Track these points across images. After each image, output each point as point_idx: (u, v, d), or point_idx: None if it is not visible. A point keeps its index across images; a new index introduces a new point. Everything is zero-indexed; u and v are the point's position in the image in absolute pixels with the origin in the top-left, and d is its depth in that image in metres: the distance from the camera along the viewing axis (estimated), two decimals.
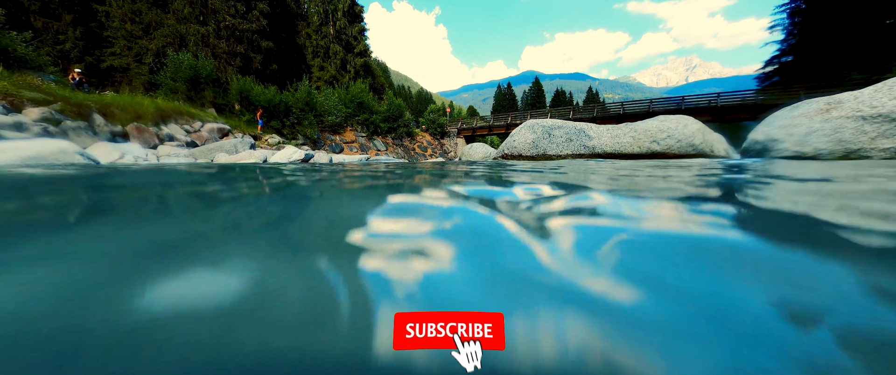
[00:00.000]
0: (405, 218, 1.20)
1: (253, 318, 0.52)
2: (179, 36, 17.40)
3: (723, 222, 1.21)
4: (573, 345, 0.45)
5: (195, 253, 0.83)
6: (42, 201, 1.59)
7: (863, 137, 5.41)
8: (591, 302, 0.57)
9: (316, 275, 0.70)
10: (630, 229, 1.06)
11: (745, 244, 0.93)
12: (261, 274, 0.69)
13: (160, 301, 0.55)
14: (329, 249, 0.89)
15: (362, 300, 0.59)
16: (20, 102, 7.37)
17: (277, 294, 0.60)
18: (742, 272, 0.70)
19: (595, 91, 74.86)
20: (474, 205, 1.41)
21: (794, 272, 0.72)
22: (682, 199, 1.77)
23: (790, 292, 0.61)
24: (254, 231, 1.11)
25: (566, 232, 0.98)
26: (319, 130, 18.01)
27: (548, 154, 11.20)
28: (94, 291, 0.60)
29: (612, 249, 0.84)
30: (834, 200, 1.61)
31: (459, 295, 0.60)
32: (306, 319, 0.53)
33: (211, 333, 0.47)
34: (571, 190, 1.99)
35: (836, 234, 1.02)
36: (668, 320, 0.52)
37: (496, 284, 0.65)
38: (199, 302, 0.56)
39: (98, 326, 0.48)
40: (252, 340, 0.46)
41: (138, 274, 0.67)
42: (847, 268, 0.72)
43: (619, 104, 23.59)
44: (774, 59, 23.62)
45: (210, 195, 1.92)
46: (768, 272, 0.71)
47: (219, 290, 0.61)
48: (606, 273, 0.68)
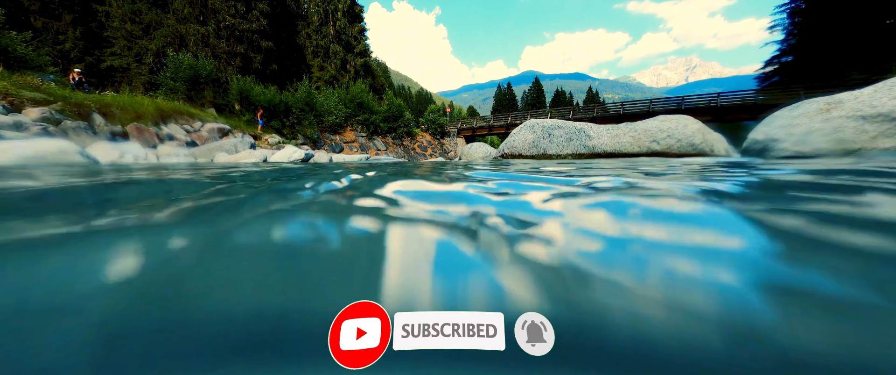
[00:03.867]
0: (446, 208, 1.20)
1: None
2: (179, 36, 17.40)
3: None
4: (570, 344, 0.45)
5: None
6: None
7: (863, 137, 5.40)
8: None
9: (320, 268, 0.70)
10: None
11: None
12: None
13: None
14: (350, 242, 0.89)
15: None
16: (20, 102, 7.37)
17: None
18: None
19: (595, 91, 74.86)
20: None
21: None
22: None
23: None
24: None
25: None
26: (319, 130, 18.02)
27: (548, 154, 11.20)
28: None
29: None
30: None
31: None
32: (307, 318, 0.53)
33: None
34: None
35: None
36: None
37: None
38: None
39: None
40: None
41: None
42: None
43: (619, 104, 23.60)
44: (774, 59, 23.62)
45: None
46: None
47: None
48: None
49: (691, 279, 0.66)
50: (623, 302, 0.56)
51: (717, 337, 0.47)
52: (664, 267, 0.70)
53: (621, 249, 0.84)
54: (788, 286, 0.62)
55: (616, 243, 0.88)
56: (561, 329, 0.46)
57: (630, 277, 0.66)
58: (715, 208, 1.32)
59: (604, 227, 1.04)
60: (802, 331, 0.47)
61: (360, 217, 1.19)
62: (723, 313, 0.53)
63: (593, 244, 0.86)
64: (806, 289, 0.61)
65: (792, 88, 16.77)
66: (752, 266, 0.71)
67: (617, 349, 0.45)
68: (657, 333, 0.47)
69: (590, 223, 1.09)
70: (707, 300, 0.57)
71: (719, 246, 0.85)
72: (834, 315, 0.51)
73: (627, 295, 0.59)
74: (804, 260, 0.75)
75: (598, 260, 0.74)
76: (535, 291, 0.61)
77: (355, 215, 1.23)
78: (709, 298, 0.58)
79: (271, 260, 0.78)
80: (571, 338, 0.46)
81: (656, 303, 0.56)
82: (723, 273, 0.67)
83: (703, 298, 0.58)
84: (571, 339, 0.46)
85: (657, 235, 0.93)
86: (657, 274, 0.67)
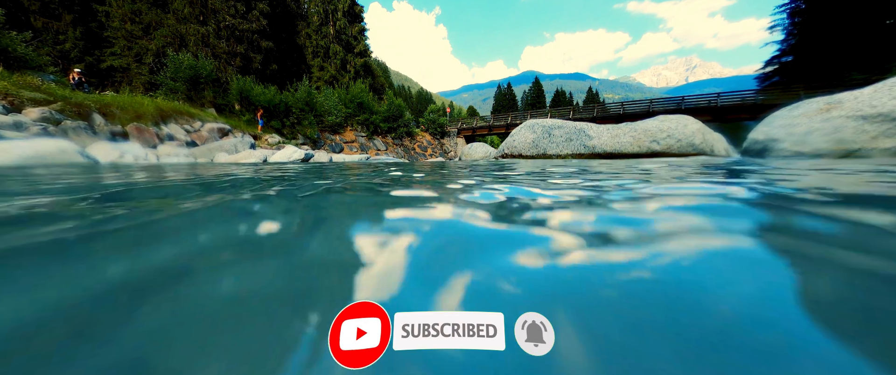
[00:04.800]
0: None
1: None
2: (179, 36, 17.41)
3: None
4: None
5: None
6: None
7: (863, 137, 5.40)
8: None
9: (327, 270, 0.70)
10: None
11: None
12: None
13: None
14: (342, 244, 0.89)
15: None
16: (20, 101, 7.38)
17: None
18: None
19: (595, 91, 74.91)
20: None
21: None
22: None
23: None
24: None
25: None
26: (319, 130, 18.03)
27: (548, 154, 11.20)
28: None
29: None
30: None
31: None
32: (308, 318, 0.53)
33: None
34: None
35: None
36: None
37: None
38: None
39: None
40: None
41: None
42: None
43: (619, 104, 23.62)
44: (774, 59, 23.64)
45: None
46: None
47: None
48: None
49: (691, 278, 0.66)
50: (623, 302, 0.56)
51: (717, 337, 0.47)
52: (664, 267, 0.70)
53: (621, 249, 0.84)
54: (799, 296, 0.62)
55: (617, 242, 0.88)
56: (561, 329, 0.47)
57: (630, 276, 0.66)
58: (724, 210, 1.32)
59: (604, 226, 1.04)
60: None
61: (361, 217, 1.19)
62: (723, 312, 0.53)
63: (593, 244, 0.86)
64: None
65: (792, 88, 16.78)
66: (761, 268, 0.71)
67: (617, 348, 0.45)
68: (657, 332, 0.47)
69: (590, 223, 1.09)
70: (707, 300, 0.57)
71: (725, 247, 0.85)
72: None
73: (627, 295, 0.59)
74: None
75: (598, 259, 0.74)
76: (535, 291, 0.61)
77: (355, 214, 1.23)
78: (709, 297, 0.58)
79: (270, 260, 0.78)
80: (571, 338, 0.46)
81: (656, 303, 0.56)
82: (724, 273, 0.67)
83: (704, 298, 0.58)
84: (571, 339, 0.46)
85: (658, 234, 0.93)
86: (657, 274, 0.67)
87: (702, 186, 2.04)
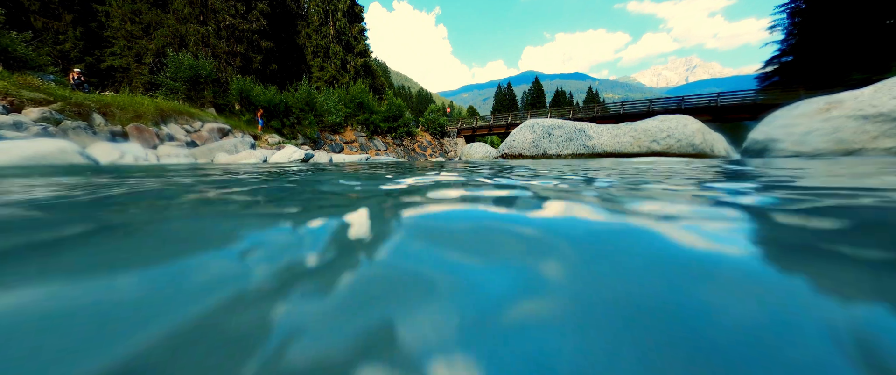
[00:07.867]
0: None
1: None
2: (179, 36, 17.42)
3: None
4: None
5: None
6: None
7: (863, 137, 5.40)
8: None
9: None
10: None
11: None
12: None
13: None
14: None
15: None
16: (20, 101, 7.38)
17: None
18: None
19: (595, 91, 74.93)
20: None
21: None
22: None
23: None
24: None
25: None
26: (319, 130, 18.04)
27: (548, 154, 11.20)
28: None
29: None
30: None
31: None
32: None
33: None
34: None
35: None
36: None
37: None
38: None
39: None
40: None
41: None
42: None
43: (619, 104, 23.61)
44: (774, 59, 23.63)
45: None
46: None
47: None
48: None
49: (692, 279, 0.65)
50: (623, 302, 0.56)
51: (717, 337, 0.47)
52: (665, 267, 0.70)
53: (622, 248, 0.83)
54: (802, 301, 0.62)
55: (616, 242, 0.88)
56: (558, 328, 0.46)
57: (630, 276, 0.66)
58: (723, 206, 1.32)
59: (603, 227, 1.04)
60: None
61: (360, 218, 1.18)
62: (722, 313, 0.53)
63: (593, 245, 0.86)
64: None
65: (792, 88, 16.78)
66: (761, 271, 0.71)
67: (617, 350, 0.45)
68: (657, 334, 0.47)
69: (590, 224, 1.09)
70: (707, 301, 0.57)
71: (725, 239, 0.85)
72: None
73: (628, 295, 0.59)
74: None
75: (598, 260, 0.74)
76: (535, 291, 0.61)
77: (356, 215, 1.23)
78: (709, 298, 0.58)
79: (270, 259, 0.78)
80: (571, 338, 0.46)
81: (657, 303, 0.55)
82: (724, 273, 0.67)
83: (704, 298, 0.57)
84: (571, 339, 0.45)
85: (658, 235, 0.92)
86: (657, 274, 0.67)
87: (701, 185, 2.04)
